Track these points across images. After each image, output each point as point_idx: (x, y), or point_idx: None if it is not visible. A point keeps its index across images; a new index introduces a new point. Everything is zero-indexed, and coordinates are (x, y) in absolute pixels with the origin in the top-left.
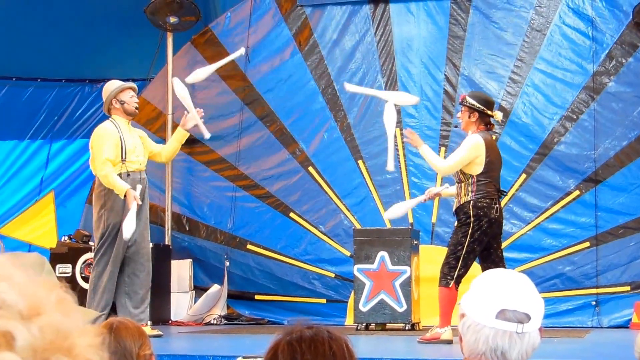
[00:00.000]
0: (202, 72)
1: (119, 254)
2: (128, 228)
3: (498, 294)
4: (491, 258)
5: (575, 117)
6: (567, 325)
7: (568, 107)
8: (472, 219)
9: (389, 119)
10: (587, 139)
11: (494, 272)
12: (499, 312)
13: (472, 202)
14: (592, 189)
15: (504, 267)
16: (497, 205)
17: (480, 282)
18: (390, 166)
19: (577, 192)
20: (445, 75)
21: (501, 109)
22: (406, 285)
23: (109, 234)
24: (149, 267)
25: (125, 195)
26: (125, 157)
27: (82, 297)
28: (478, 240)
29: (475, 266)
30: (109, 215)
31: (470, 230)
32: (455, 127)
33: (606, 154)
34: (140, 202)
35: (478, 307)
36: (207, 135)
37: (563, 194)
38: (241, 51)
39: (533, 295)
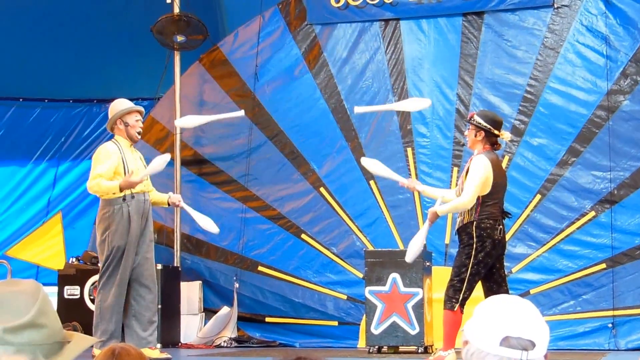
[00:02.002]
0: (193, 120)
1: (125, 277)
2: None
3: (502, 321)
4: (493, 278)
5: (590, 136)
6: (584, 348)
7: (582, 126)
8: (475, 240)
9: (374, 168)
10: (602, 158)
11: (498, 299)
12: (503, 340)
13: (475, 222)
14: (607, 210)
15: (506, 287)
16: (501, 227)
17: (484, 308)
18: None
19: (592, 213)
20: (457, 94)
21: (514, 128)
22: (419, 308)
23: (114, 257)
24: (155, 290)
25: (122, 189)
26: None
27: (90, 318)
28: (482, 262)
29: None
30: (114, 237)
31: (473, 252)
32: (463, 145)
33: (622, 174)
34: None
35: (481, 334)
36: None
37: (579, 215)
38: (241, 112)
39: (538, 322)
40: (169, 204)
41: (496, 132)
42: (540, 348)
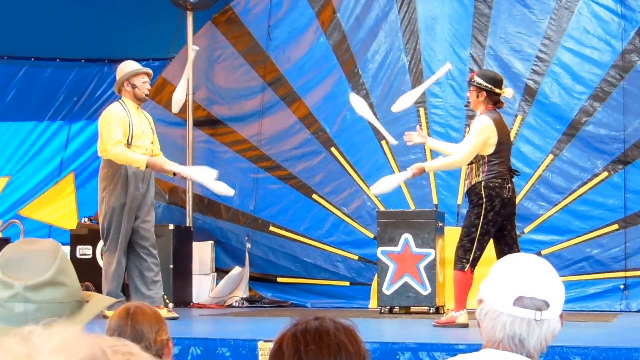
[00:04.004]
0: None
1: (125, 239)
2: (205, 176)
3: (516, 281)
4: (505, 240)
5: (603, 96)
6: (595, 309)
7: (596, 86)
8: (484, 200)
9: (359, 108)
10: (616, 118)
11: (513, 258)
12: (517, 299)
13: (483, 182)
14: (620, 170)
15: (518, 249)
16: (510, 185)
17: (499, 267)
18: (392, 140)
19: (605, 174)
20: (470, 53)
21: (528, 88)
22: (430, 268)
23: (111, 218)
24: (156, 252)
25: (148, 166)
26: (131, 142)
27: (101, 278)
28: (492, 221)
29: (490, 247)
30: (110, 197)
31: (483, 212)
32: (466, 106)
33: (635, 134)
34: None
35: (496, 294)
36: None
37: (591, 175)
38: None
39: (553, 282)
40: (174, 174)
41: (497, 90)
42: (555, 308)
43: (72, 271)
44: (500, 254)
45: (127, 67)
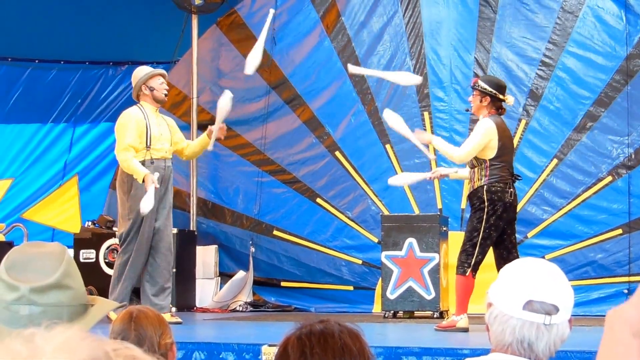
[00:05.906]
0: (255, 55)
1: (143, 242)
2: (146, 204)
3: (526, 285)
4: (504, 244)
5: (608, 101)
6: (599, 314)
7: (601, 91)
8: (486, 204)
9: (394, 123)
10: (620, 123)
11: (523, 262)
12: (526, 303)
13: (485, 186)
14: (625, 175)
15: (517, 254)
16: (511, 190)
17: (509, 271)
18: (430, 155)
19: (609, 178)
20: (475, 58)
21: (532, 92)
22: (435, 273)
23: (134, 222)
24: (170, 257)
25: (143, 180)
26: (149, 144)
27: (105, 282)
28: (494, 225)
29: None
30: (133, 202)
31: (485, 216)
32: (467, 110)
33: None
34: (158, 186)
35: (505, 298)
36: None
37: (595, 180)
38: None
39: (562, 286)
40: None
41: (501, 96)
42: (564, 312)
43: (78, 275)
44: (499, 258)
45: (142, 71)
